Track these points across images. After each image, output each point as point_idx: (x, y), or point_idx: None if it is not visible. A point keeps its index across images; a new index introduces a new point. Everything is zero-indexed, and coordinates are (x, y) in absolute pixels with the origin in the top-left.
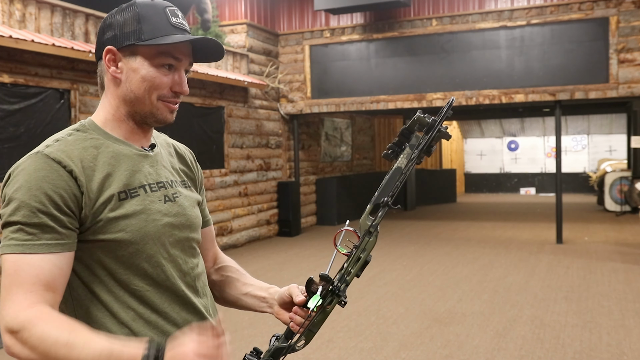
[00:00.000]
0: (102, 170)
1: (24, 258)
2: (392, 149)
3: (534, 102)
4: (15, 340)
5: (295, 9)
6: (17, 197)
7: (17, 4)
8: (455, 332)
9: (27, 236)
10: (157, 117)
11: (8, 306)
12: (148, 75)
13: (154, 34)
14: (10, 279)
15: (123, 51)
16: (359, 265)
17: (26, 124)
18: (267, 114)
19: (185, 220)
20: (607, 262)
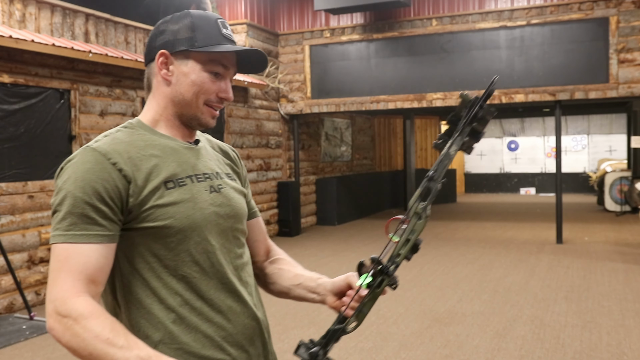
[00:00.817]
0: (149, 161)
1: (73, 247)
2: (443, 139)
3: (534, 102)
4: (60, 324)
5: (295, 9)
6: (65, 187)
7: (17, 4)
8: (455, 332)
9: (71, 225)
10: (200, 120)
11: (56, 291)
12: (198, 79)
13: (206, 42)
14: (59, 265)
15: (176, 55)
16: (408, 247)
17: (26, 124)
18: (267, 114)
19: (230, 210)
20: (607, 262)
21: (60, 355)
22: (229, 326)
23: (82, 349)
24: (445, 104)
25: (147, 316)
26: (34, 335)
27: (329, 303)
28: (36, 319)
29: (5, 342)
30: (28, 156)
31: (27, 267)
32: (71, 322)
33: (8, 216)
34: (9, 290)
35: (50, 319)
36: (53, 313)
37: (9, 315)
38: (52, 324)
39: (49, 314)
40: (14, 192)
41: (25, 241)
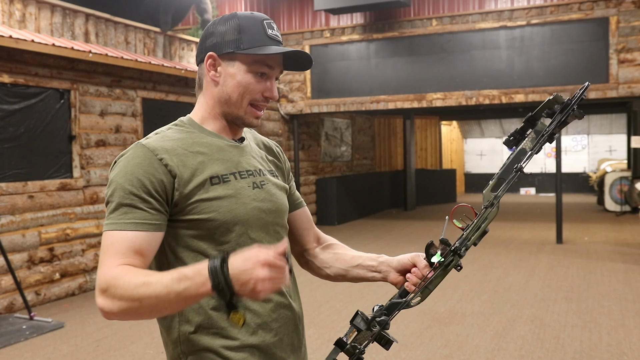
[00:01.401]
0: (196, 158)
1: (118, 233)
2: (514, 137)
3: (534, 102)
4: (105, 298)
5: (295, 9)
6: (115, 180)
7: (17, 4)
8: (455, 332)
9: (120, 215)
10: (244, 120)
11: (101, 272)
12: (243, 80)
13: (251, 44)
14: (105, 250)
15: (223, 57)
16: (478, 234)
17: (26, 124)
18: (267, 114)
19: (272, 205)
20: (607, 262)
21: (60, 355)
22: (265, 314)
23: (133, 306)
24: (445, 104)
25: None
26: (34, 335)
27: (392, 279)
28: (36, 319)
29: (5, 342)
30: (28, 156)
31: (27, 267)
32: (112, 289)
33: (8, 216)
34: (9, 290)
35: (98, 300)
36: (99, 292)
37: (9, 315)
38: (100, 304)
39: (97, 295)
40: (14, 192)
41: (25, 241)
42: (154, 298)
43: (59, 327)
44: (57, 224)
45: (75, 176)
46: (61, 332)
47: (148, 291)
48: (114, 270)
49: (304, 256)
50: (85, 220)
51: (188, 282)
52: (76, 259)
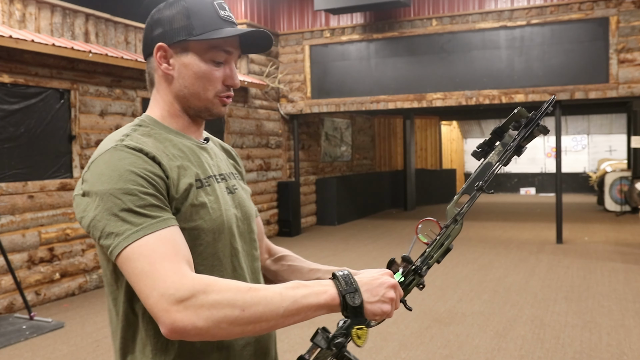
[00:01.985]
0: (176, 160)
1: (152, 237)
2: (482, 148)
3: (534, 102)
4: (188, 309)
5: (295, 9)
6: (106, 188)
7: (17, 4)
8: (455, 332)
9: (142, 218)
10: (211, 111)
11: (163, 281)
12: (201, 70)
13: (204, 28)
14: (149, 259)
15: (174, 47)
16: (441, 251)
17: (26, 124)
18: (267, 114)
19: (245, 212)
20: (607, 262)
21: (60, 355)
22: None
23: (231, 313)
24: (445, 104)
25: None
26: (34, 335)
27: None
28: (36, 319)
29: (5, 342)
30: (28, 156)
31: (27, 267)
32: (201, 296)
33: (8, 216)
34: (9, 290)
35: (174, 314)
36: (172, 306)
37: (9, 315)
38: (179, 317)
39: (165, 311)
40: (14, 192)
41: (25, 241)
42: (262, 305)
43: (59, 327)
44: (57, 224)
45: (75, 176)
46: (61, 332)
47: (257, 297)
48: (192, 277)
49: None
50: None
51: (306, 290)
52: (76, 259)
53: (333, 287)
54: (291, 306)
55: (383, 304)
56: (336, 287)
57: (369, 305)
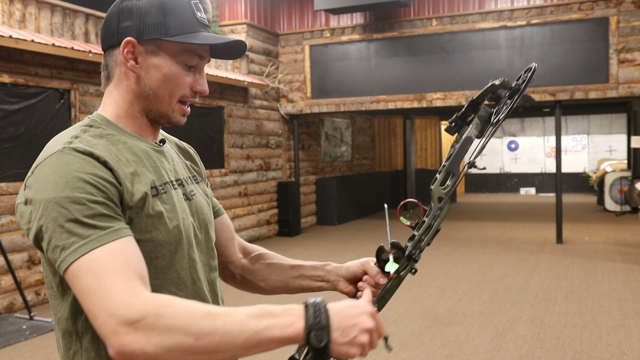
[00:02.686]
0: (129, 166)
1: (101, 250)
2: (456, 123)
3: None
4: (138, 331)
5: (295, 9)
6: (54, 196)
7: (17, 4)
8: (455, 332)
9: (90, 230)
10: (170, 119)
11: (111, 300)
12: (171, 73)
13: (181, 29)
14: (96, 276)
15: (144, 44)
16: (431, 233)
17: (26, 124)
18: (267, 114)
19: (203, 219)
20: (607, 262)
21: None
22: None
23: (184, 340)
24: (445, 104)
25: None
26: (34, 335)
27: (342, 289)
28: (36, 319)
29: (5, 342)
30: (28, 156)
31: (27, 267)
32: (152, 319)
33: (8, 216)
34: (9, 290)
35: (122, 337)
36: (121, 327)
37: (9, 315)
38: (127, 340)
39: (113, 333)
40: (14, 192)
41: (25, 241)
42: (219, 335)
43: None
44: None
45: None
46: None
47: (214, 324)
48: (144, 297)
49: (228, 269)
50: None
51: (271, 320)
52: None
53: (301, 320)
54: (251, 338)
55: (351, 348)
56: (304, 320)
57: (336, 346)
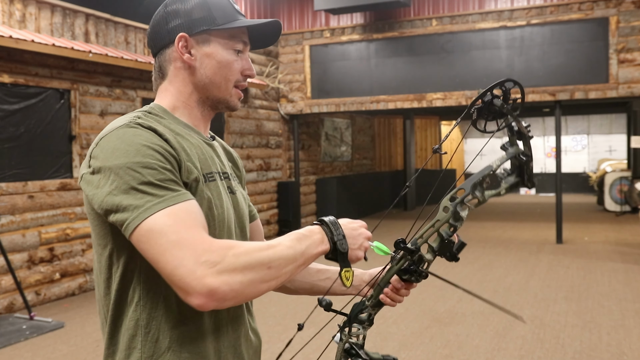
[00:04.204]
0: (182, 150)
1: (175, 208)
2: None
3: (534, 102)
4: (221, 273)
5: (295, 9)
6: (126, 162)
7: (17, 4)
8: (455, 332)
9: (164, 191)
10: (229, 103)
11: (193, 249)
12: (224, 59)
13: (226, 18)
14: (175, 229)
15: (195, 37)
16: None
17: (26, 124)
18: (267, 114)
19: (241, 215)
20: (607, 262)
21: (60, 355)
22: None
23: (261, 271)
24: (445, 104)
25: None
26: (34, 335)
27: (364, 293)
28: (36, 319)
29: (5, 342)
30: (28, 156)
31: (27, 267)
32: (232, 259)
33: (8, 216)
34: (9, 290)
35: (209, 280)
36: (207, 271)
37: (9, 315)
38: (215, 283)
39: (200, 279)
40: (14, 192)
41: (25, 241)
42: (282, 260)
43: (59, 327)
44: (57, 224)
45: (75, 176)
46: (61, 332)
47: (276, 253)
48: (216, 241)
49: None
50: (85, 220)
51: (308, 241)
52: (76, 259)
53: (326, 236)
54: (300, 258)
55: (359, 251)
56: (326, 234)
57: (351, 251)
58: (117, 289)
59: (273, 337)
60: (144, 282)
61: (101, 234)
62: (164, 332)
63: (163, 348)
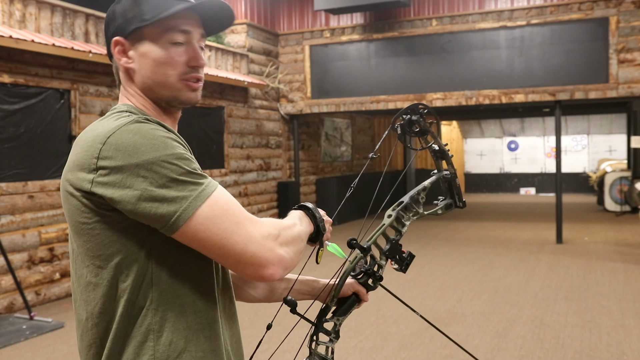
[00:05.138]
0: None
1: (218, 192)
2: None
3: (534, 102)
4: (281, 246)
5: (295, 9)
6: (157, 156)
7: (17, 4)
8: (455, 332)
9: (203, 178)
10: (180, 99)
11: (257, 226)
12: (159, 56)
13: (155, 11)
14: (231, 211)
15: (130, 39)
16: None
17: (26, 124)
18: (267, 114)
19: None
20: (607, 262)
21: (60, 355)
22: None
23: (300, 245)
24: (445, 104)
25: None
26: (34, 335)
27: (322, 299)
28: (36, 319)
29: (5, 342)
30: (28, 156)
31: (27, 267)
32: (284, 232)
33: (8, 216)
34: (9, 290)
35: (278, 251)
36: (274, 244)
37: (9, 315)
38: (282, 252)
39: (271, 251)
40: (14, 192)
41: (25, 241)
42: (304, 234)
43: (59, 327)
44: (57, 224)
45: None
46: (61, 332)
47: (301, 229)
48: (261, 218)
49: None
50: None
51: (302, 223)
52: None
53: (310, 219)
54: (304, 235)
55: (327, 233)
56: (310, 218)
57: (324, 232)
58: (126, 298)
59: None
60: (155, 285)
61: (105, 242)
62: (179, 333)
63: (178, 350)
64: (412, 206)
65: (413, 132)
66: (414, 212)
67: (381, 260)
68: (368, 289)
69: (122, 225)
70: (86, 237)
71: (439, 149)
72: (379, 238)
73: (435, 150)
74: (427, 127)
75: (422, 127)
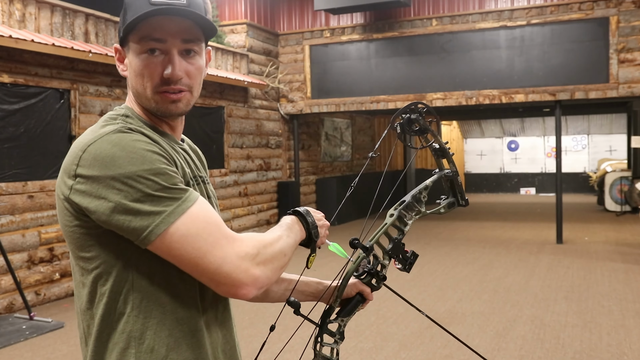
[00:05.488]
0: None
1: (196, 207)
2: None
3: (534, 102)
4: (258, 265)
5: (295, 9)
6: (135, 170)
7: (17, 4)
8: (455, 332)
9: (181, 193)
10: (160, 110)
11: (232, 245)
12: (137, 67)
13: (132, 16)
14: (207, 229)
15: (125, 47)
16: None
17: (26, 124)
18: (267, 114)
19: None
20: (607, 262)
21: (60, 355)
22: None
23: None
24: (445, 104)
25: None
26: (34, 335)
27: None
28: (36, 319)
29: (5, 342)
30: (28, 156)
31: (27, 267)
32: (263, 250)
33: (8, 216)
34: (9, 290)
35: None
36: (250, 263)
37: (9, 315)
38: (257, 272)
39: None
40: (14, 192)
41: (25, 241)
42: (289, 248)
43: (59, 327)
44: (57, 224)
45: None
46: (61, 332)
47: (285, 243)
48: (242, 235)
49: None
50: None
51: (292, 232)
52: None
53: (302, 226)
54: (293, 246)
55: (323, 237)
56: (302, 225)
57: (318, 238)
58: (106, 302)
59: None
60: (136, 292)
61: (85, 246)
62: (160, 340)
63: (160, 357)
64: (414, 205)
65: (413, 130)
66: (416, 211)
67: (384, 260)
68: (372, 289)
69: (100, 231)
70: (69, 239)
71: (440, 148)
72: (381, 238)
73: (436, 148)
74: (426, 126)
75: (422, 126)
